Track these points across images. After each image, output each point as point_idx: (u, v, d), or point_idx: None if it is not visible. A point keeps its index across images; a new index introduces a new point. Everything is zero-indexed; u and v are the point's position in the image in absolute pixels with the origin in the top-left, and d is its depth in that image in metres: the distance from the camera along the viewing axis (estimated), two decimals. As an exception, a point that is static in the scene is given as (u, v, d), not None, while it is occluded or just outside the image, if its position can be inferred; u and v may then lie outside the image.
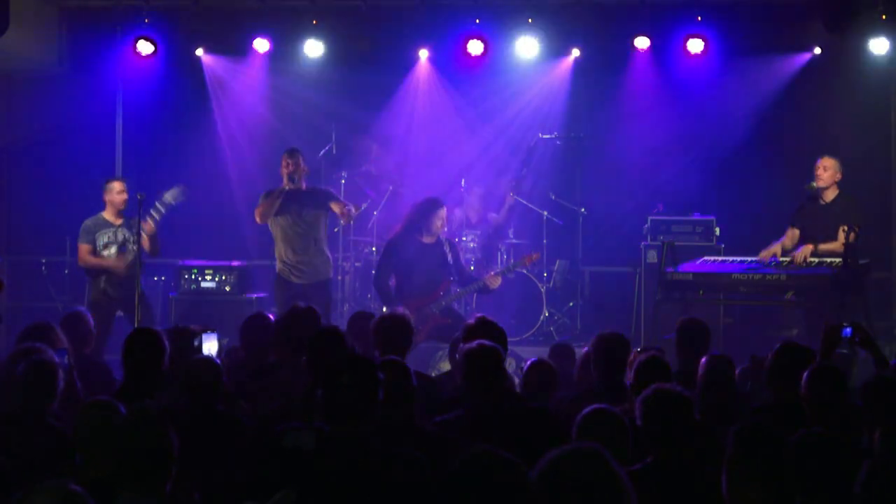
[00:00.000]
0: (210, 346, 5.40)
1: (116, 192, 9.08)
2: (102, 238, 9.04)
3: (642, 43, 10.76)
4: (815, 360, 5.03)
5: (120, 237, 9.04)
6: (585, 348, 5.96)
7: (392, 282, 8.92)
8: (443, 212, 8.97)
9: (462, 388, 4.85)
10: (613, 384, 5.32)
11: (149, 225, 8.82)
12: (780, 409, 4.86)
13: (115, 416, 4.08)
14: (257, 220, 9.03)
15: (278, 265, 9.00)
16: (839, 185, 8.55)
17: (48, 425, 4.74)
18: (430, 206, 8.95)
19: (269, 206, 8.88)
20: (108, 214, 9.12)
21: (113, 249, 9.01)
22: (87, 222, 9.11)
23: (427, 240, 8.89)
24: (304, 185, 8.99)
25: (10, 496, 3.47)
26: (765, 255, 8.50)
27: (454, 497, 2.69)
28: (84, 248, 9.05)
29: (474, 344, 4.82)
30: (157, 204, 8.90)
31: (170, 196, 8.93)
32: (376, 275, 9.07)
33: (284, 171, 8.93)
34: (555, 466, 2.62)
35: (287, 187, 8.86)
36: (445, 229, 9.19)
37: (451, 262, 8.95)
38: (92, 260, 9.03)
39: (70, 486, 2.76)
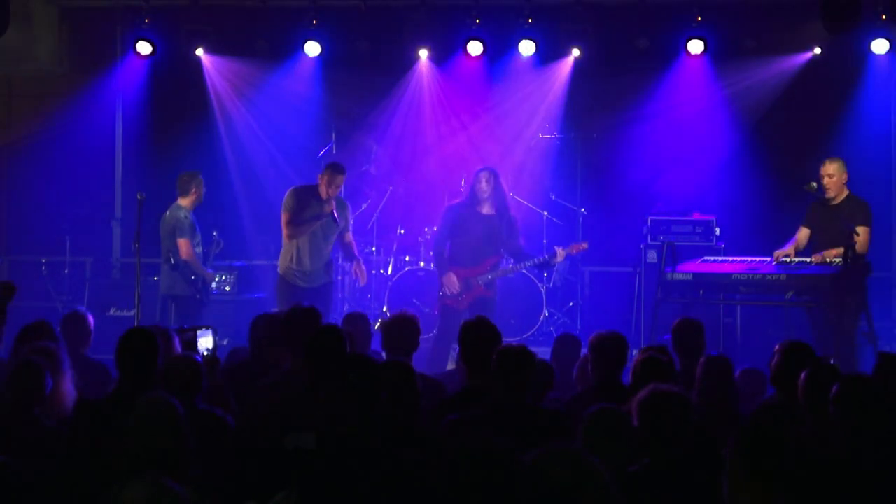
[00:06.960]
0: (205, 341, 5.41)
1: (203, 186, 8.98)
2: (196, 237, 8.89)
3: (643, 43, 10.75)
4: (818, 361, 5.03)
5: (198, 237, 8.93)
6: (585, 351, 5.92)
7: (448, 246, 8.73)
8: (480, 176, 8.60)
9: (492, 387, 4.84)
10: (611, 384, 5.32)
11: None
12: (783, 409, 4.85)
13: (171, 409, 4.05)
14: (287, 238, 8.61)
15: (284, 267, 8.71)
16: (848, 185, 8.43)
17: (39, 424, 4.76)
18: (475, 175, 8.73)
19: (309, 229, 8.54)
20: (191, 211, 8.88)
21: (199, 249, 8.91)
22: (190, 217, 8.83)
23: (486, 210, 8.67)
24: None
25: (17, 495, 3.46)
26: (779, 253, 8.36)
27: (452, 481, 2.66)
28: (189, 242, 8.76)
29: (505, 345, 4.88)
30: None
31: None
32: (434, 240, 9.06)
33: (328, 189, 8.49)
34: (536, 468, 2.60)
35: (329, 209, 8.47)
36: (487, 192, 8.64)
37: (506, 238, 8.68)
38: (196, 260, 8.83)
39: (162, 480, 2.71)
